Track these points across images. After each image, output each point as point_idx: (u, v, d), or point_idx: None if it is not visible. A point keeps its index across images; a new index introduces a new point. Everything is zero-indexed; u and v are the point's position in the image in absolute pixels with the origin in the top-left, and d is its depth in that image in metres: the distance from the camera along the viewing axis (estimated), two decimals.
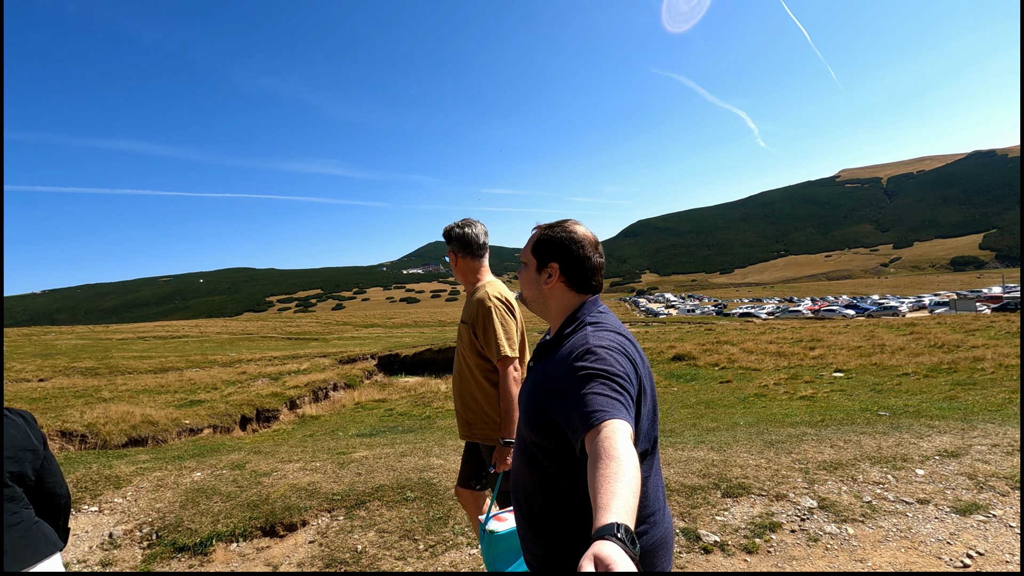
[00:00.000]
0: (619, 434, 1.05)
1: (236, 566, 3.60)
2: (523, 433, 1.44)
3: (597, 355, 1.25)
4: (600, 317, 1.43)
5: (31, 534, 1.90)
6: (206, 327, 63.42)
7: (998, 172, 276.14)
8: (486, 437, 2.41)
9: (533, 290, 1.56)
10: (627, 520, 0.90)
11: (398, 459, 4.88)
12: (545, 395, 1.33)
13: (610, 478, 0.96)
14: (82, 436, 10.87)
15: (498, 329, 2.30)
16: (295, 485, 4.35)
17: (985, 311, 44.76)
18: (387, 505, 4.01)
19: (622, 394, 1.17)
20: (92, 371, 20.61)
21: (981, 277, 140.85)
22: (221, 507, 4.13)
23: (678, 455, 4.51)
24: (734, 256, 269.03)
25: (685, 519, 3.59)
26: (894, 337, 19.50)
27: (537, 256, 1.53)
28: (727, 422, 6.38)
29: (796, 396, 8.98)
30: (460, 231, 2.50)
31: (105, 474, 4.78)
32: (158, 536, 3.93)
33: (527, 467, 1.42)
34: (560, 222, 1.54)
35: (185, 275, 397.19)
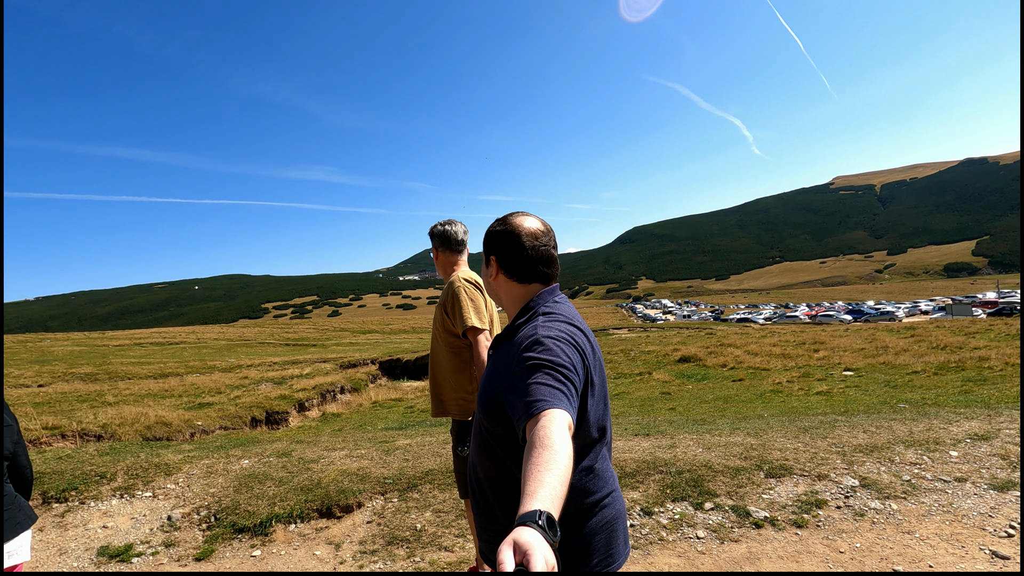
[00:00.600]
0: (556, 423, 1.07)
1: (297, 545, 3.71)
2: (479, 419, 1.46)
3: (544, 345, 1.26)
4: (554, 307, 1.45)
5: (15, 506, 2.07)
6: (203, 333, 63.25)
7: (990, 179, 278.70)
8: (455, 412, 2.56)
9: (486, 284, 1.62)
10: (551, 508, 0.91)
11: (441, 446, 5.00)
12: (497, 383, 1.36)
13: (540, 466, 0.98)
14: (98, 436, 10.91)
15: (465, 303, 2.46)
16: (345, 470, 4.46)
17: (981, 316, 45.12)
18: (439, 488, 4.13)
19: (565, 384, 1.18)
20: (91, 377, 20.60)
21: (975, 283, 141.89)
22: (275, 491, 4.24)
23: (716, 440, 4.65)
24: (730, 262, 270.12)
25: (733, 497, 3.72)
26: (895, 340, 19.70)
27: (484, 251, 1.60)
28: (751, 414, 6.52)
29: (812, 392, 9.15)
30: (441, 228, 2.73)
31: (154, 462, 4.88)
32: (216, 518, 4.04)
33: (481, 451, 1.45)
34: (503, 216, 1.57)
35: (180, 282, 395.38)
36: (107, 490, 4.52)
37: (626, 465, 4.20)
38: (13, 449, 2.11)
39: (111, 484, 4.58)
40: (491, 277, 1.56)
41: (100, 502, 4.40)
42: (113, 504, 4.39)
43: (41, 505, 4.41)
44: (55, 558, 3.77)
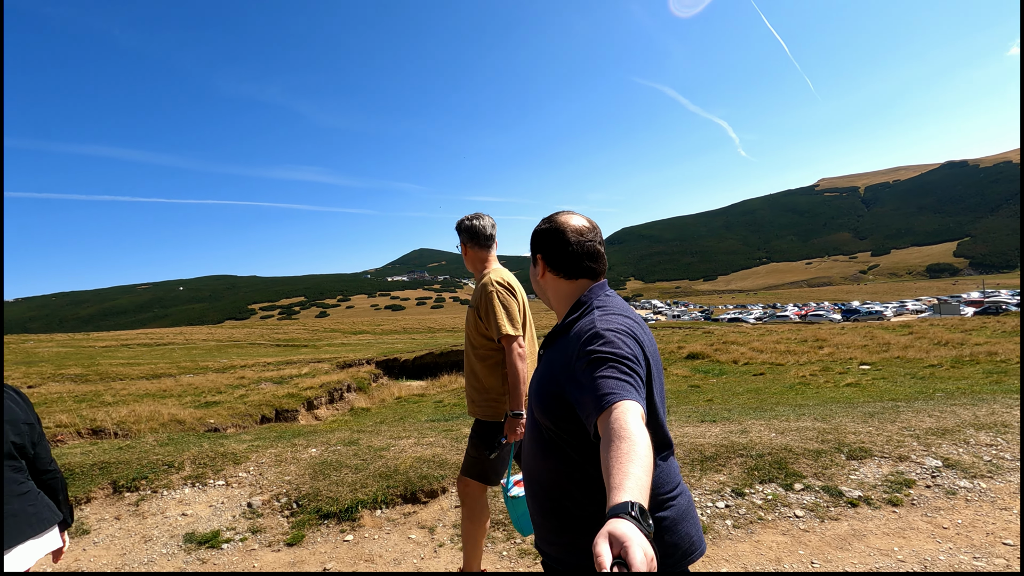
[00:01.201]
0: (630, 414, 1.06)
1: (388, 530, 3.71)
2: (537, 420, 1.43)
3: (605, 338, 1.25)
4: (607, 301, 1.45)
5: (38, 503, 2.00)
6: (191, 334, 62.50)
7: (970, 182, 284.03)
8: (485, 413, 2.58)
9: (534, 284, 1.63)
10: (640, 498, 0.90)
11: None
12: (556, 380, 1.34)
13: (622, 458, 0.97)
14: (114, 434, 10.77)
15: (499, 310, 2.47)
16: (420, 457, 4.46)
17: (968, 314, 45.94)
18: None
19: (632, 375, 1.18)
20: (82, 378, 20.24)
21: (956, 283, 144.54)
22: (354, 478, 4.22)
23: (786, 425, 4.71)
24: (717, 263, 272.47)
25: (820, 478, 3.78)
26: (895, 337, 20.03)
27: (531, 250, 1.60)
28: (794, 404, 6.60)
29: (841, 384, 9.30)
30: (469, 223, 2.71)
31: (219, 451, 4.83)
32: (298, 505, 4.01)
33: (541, 454, 1.41)
34: (549, 215, 1.58)
35: (164, 283, 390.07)
36: (177, 479, 4.47)
37: (705, 449, 4.24)
38: (34, 450, 2.05)
39: (180, 473, 4.53)
40: (539, 275, 1.56)
41: (173, 491, 4.36)
42: (187, 492, 4.34)
43: (112, 494, 4.35)
44: (140, 545, 3.73)
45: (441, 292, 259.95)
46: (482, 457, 2.60)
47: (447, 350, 28.61)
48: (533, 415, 1.46)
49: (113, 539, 3.83)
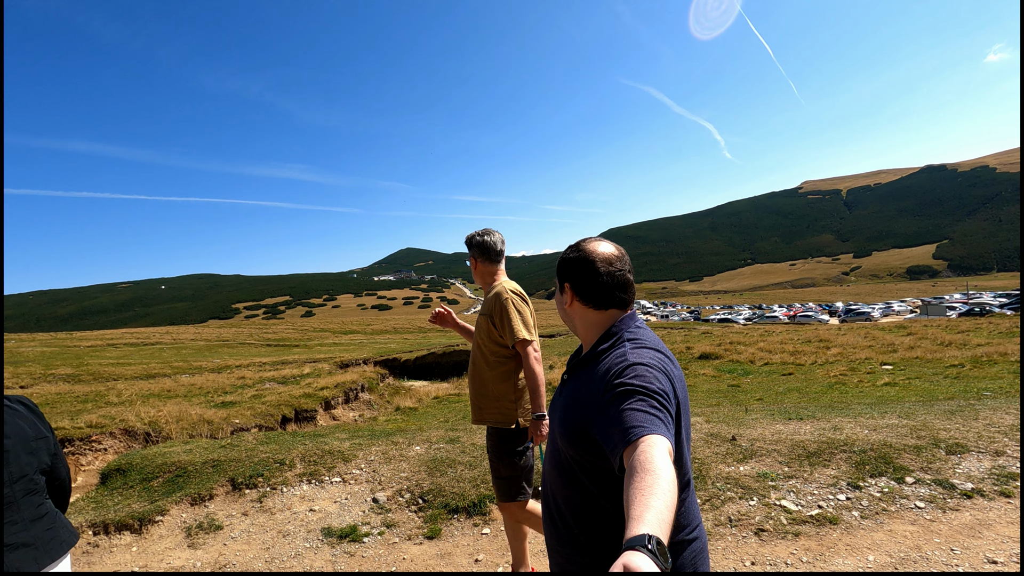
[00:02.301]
0: (656, 448, 1.06)
1: None
2: (560, 447, 1.42)
3: (636, 372, 1.24)
4: (638, 333, 1.43)
5: (56, 525, 1.88)
6: (178, 334, 61.68)
7: (949, 186, 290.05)
8: (497, 420, 2.67)
9: (560, 311, 1.60)
10: (659, 532, 0.89)
11: None
12: (583, 410, 1.33)
13: (644, 491, 0.97)
14: (146, 434, 10.76)
15: (514, 316, 2.58)
16: None
17: (953, 316, 46.98)
18: None
19: (661, 411, 1.17)
20: (75, 378, 19.96)
21: (936, 285, 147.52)
22: (471, 474, 4.36)
23: (874, 422, 4.94)
24: (703, 264, 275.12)
25: (928, 472, 4.00)
26: (896, 337, 20.49)
27: (558, 278, 1.57)
28: (849, 402, 6.86)
29: (879, 384, 9.59)
30: (480, 239, 2.82)
31: (325, 449, 4.93)
32: (424, 500, 4.14)
33: (561, 479, 1.42)
34: (576, 243, 1.56)
35: (146, 281, 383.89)
36: (292, 476, 4.57)
37: (807, 445, 4.45)
38: (51, 462, 1.92)
39: (293, 471, 4.63)
40: (566, 304, 1.54)
41: (291, 487, 4.46)
42: (305, 489, 4.45)
43: (232, 491, 4.44)
44: (280, 539, 3.84)
45: (428, 292, 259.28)
46: (515, 472, 2.67)
47: (449, 350, 28.65)
48: (555, 441, 1.46)
49: (249, 534, 3.93)
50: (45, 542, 1.79)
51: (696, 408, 6.88)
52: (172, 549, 3.82)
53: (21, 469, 1.78)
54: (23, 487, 1.78)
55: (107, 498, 4.59)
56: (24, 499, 1.78)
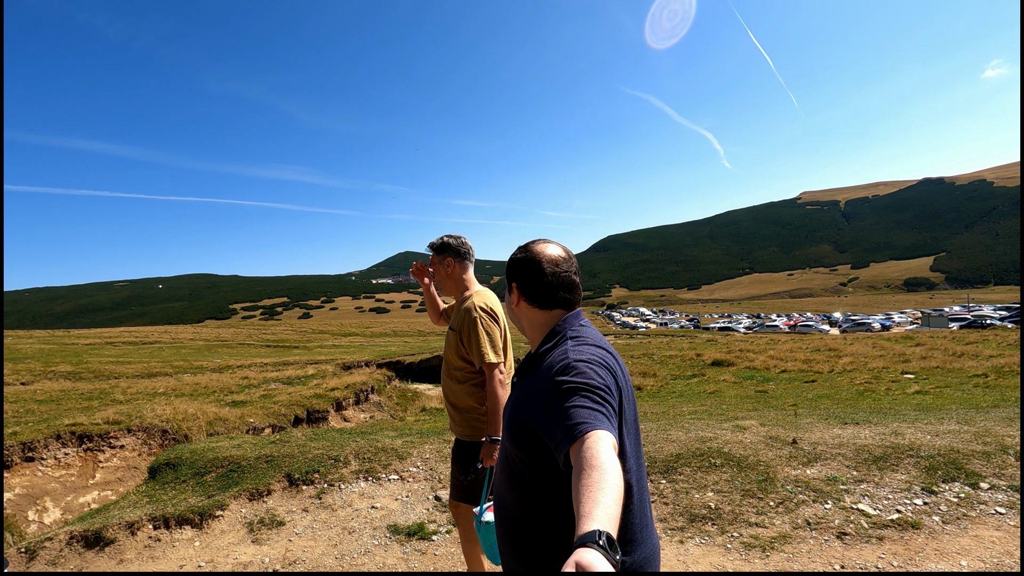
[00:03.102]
0: (601, 443, 1.06)
1: None
2: (507, 448, 1.43)
3: (577, 369, 1.26)
4: (580, 331, 1.45)
5: None
6: (177, 333, 61.49)
7: (947, 199, 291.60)
8: (464, 433, 2.64)
9: (508, 311, 1.63)
10: (609, 527, 0.90)
11: (660, 432, 5.12)
12: (527, 410, 1.33)
13: (592, 487, 0.97)
14: (163, 431, 10.68)
15: (483, 337, 2.50)
16: None
17: (955, 328, 47.10)
18: (700, 470, 4.26)
19: (604, 405, 1.18)
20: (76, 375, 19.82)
21: (933, 297, 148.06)
22: None
23: (936, 428, 4.90)
24: (701, 273, 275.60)
25: (1003, 478, 3.97)
26: (905, 348, 20.51)
27: (507, 279, 1.59)
28: (889, 409, 6.81)
29: (909, 392, 9.57)
30: (458, 240, 2.77)
31: (378, 447, 4.87)
32: None
33: (509, 481, 1.42)
34: (525, 244, 1.58)
35: (143, 280, 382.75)
36: (348, 473, 4.50)
37: (872, 450, 4.40)
38: None
39: (348, 468, 4.57)
40: (513, 304, 1.56)
41: (349, 484, 4.39)
42: (363, 486, 4.38)
43: (289, 487, 4.37)
44: (346, 536, 3.77)
45: None
46: (464, 477, 2.63)
47: None
48: (504, 445, 1.47)
49: (314, 531, 3.86)
50: None
51: (738, 412, 6.83)
52: (236, 544, 3.75)
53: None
54: None
55: (160, 492, 4.52)
56: None
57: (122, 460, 9.22)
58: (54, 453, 8.57)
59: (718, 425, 5.35)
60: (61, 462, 8.59)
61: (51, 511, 7.44)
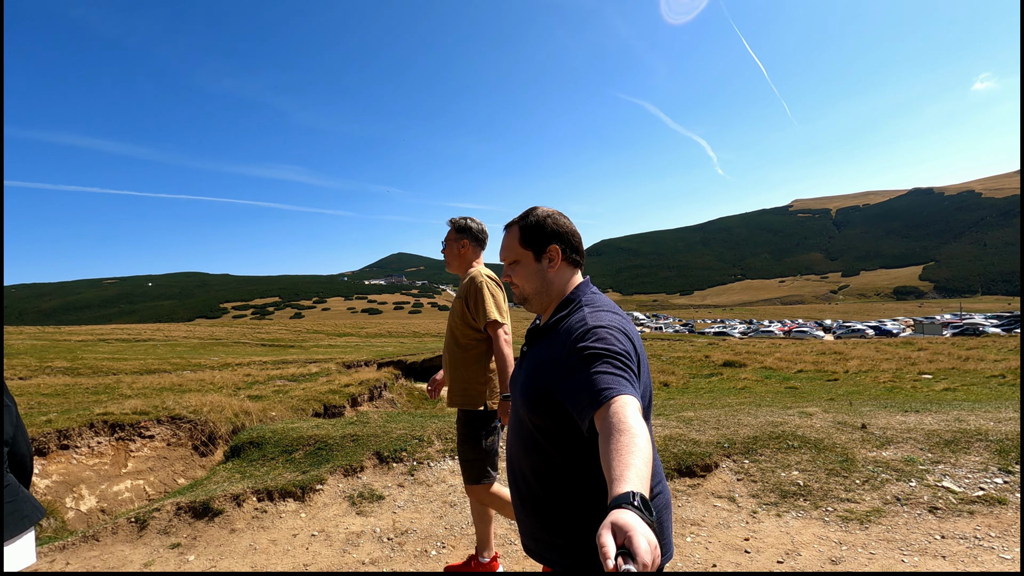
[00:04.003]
0: (628, 407, 1.07)
1: (684, 500, 3.93)
2: (522, 416, 1.43)
3: (598, 335, 1.26)
4: (594, 298, 1.45)
5: (19, 499, 1.73)
6: (170, 331, 60.96)
7: (936, 209, 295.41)
8: (467, 403, 2.73)
9: (537, 281, 1.53)
10: (642, 489, 0.92)
11: (728, 417, 5.28)
12: (545, 376, 1.33)
13: (622, 451, 0.98)
14: (191, 423, 10.72)
15: (487, 299, 2.64)
16: (667, 436, 4.70)
17: (947, 335, 47.75)
18: (780, 451, 4.42)
19: (626, 371, 1.19)
20: (73, 371, 19.68)
21: (922, 306, 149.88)
22: None
23: (996, 415, 5.08)
24: (693, 278, 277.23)
25: None
26: (908, 352, 20.84)
27: (532, 245, 1.52)
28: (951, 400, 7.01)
29: (938, 389, 9.79)
30: (477, 225, 2.92)
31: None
32: None
33: (525, 448, 1.42)
34: (531, 209, 1.56)
35: (132, 278, 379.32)
36: (433, 452, 4.62)
37: (941, 434, 4.58)
38: (12, 433, 1.80)
39: (433, 447, 4.68)
40: (552, 268, 1.51)
41: (437, 462, 4.51)
42: (451, 464, 4.50)
43: (379, 464, 4.48)
44: (447, 508, 3.88)
45: (419, 297, 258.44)
46: (478, 455, 2.71)
47: None
48: (518, 412, 1.46)
49: (415, 504, 3.98)
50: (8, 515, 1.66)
51: (788, 402, 6.99)
52: (342, 516, 3.85)
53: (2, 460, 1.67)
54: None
55: (251, 468, 4.61)
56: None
57: (152, 450, 9.26)
58: (87, 442, 8.61)
59: (782, 412, 5.51)
60: (94, 451, 8.62)
61: (87, 499, 7.47)
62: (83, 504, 7.40)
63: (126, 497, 7.86)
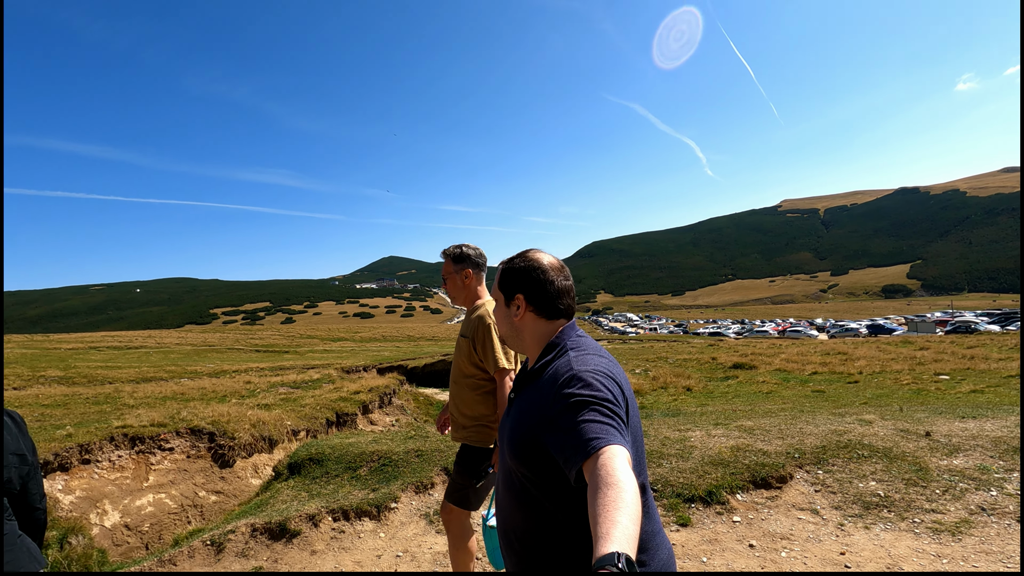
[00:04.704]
0: (617, 459, 1.03)
1: (766, 510, 3.90)
2: (510, 467, 1.37)
3: (584, 380, 1.22)
4: (579, 342, 1.41)
5: (16, 548, 1.70)
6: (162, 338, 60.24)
7: (922, 208, 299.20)
8: (471, 439, 2.69)
9: (505, 326, 1.54)
10: (627, 549, 0.88)
11: (788, 426, 5.27)
12: (531, 425, 1.29)
13: (609, 506, 0.94)
14: (210, 434, 10.59)
15: (496, 344, 2.56)
16: (734, 447, 4.68)
17: (940, 333, 48.24)
18: (852, 461, 4.41)
19: (614, 419, 1.14)
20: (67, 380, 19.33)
21: (910, 304, 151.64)
22: (686, 466, 4.41)
23: None
24: (685, 279, 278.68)
25: None
26: (911, 351, 20.99)
27: (503, 290, 1.52)
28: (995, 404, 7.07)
29: (966, 392, 9.86)
30: (476, 252, 2.80)
31: None
32: (654, 490, 4.16)
33: (516, 501, 1.36)
34: (520, 253, 1.54)
35: (120, 284, 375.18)
36: None
37: (1008, 441, 4.60)
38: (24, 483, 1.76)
39: None
40: (517, 317, 1.49)
41: None
42: None
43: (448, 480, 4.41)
44: None
45: (411, 300, 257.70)
46: (467, 484, 2.69)
47: None
48: (506, 463, 1.41)
49: None
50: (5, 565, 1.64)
51: (826, 409, 7.00)
52: (422, 535, 3.79)
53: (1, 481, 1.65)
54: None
55: (315, 486, 4.53)
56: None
57: (172, 463, 9.13)
58: (108, 455, 8.48)
59: (839, 420, 5.52)
60: (115, 464, 8.49)
61: (110, 514, 7.34)
62: (107, 520, 7.26)
63: (149, 512, 7.74)
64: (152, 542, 7.43)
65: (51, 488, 6.92)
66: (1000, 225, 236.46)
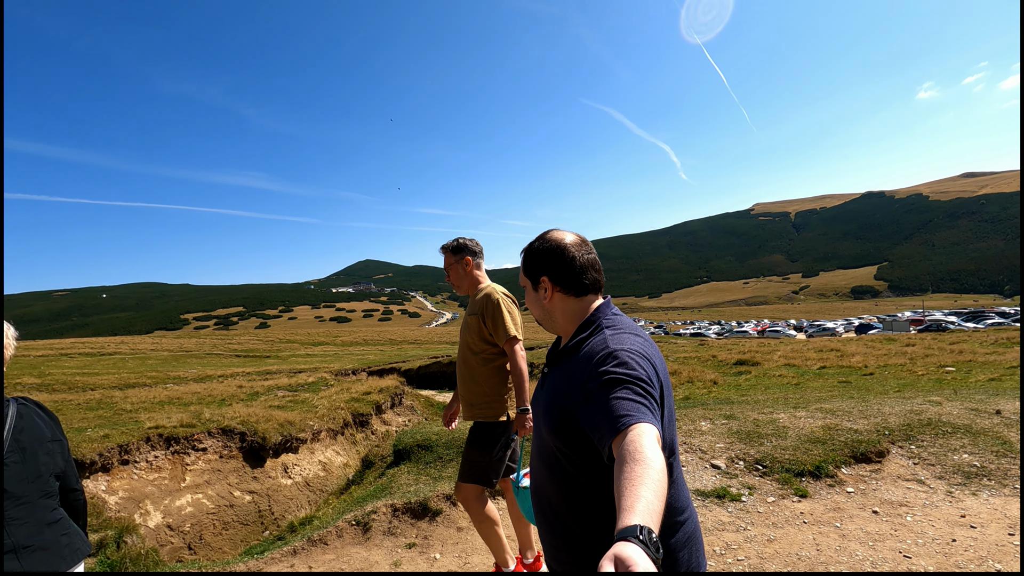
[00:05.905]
0: (645, 437, 1.05)
1: (875, 484, 4.15)
2: (545, 439, 1.41)
3: (619, 359, 1.24)
4: (615, 320, 1.42)
5: (70, 532, 1.80)
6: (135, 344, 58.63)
7: (887, 211, 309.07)
8: (485, 415, 2.84)
9: (538, 310, 1.55)
10: (650, 523, 0.89)
11: (866, 407, 5.55)
12: (567, 401, 1.31)
13: (635, 481, 0.96)
14: (241, 435, 10.54)
15: (506, 316, 2.77)
16: (824, 426, 4.94)
17: (913, 331, 49.90)
18: (939, 436, 4.70)
19: (646, 398, 1.16)
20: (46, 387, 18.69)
21: (878, 304, 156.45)
22: (786, 444, 4.64)
23: None
24: (661, 281, 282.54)
25: None
26: (899, 347, 21.74)
27: (529, 275, 1.54)
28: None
29: (985, 380, 10.30)
30: (472, 242, 3.01)
31: None
32: (763, 466, 4.38)
33: (549, 473, 1.40)
34: (539, 235, 1.55)
35: (85, 289, 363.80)
36: None
37: None
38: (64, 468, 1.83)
39: None
40: (545, 299, 1.50)
41: None
42: None
43: None
44: None
45: (389, 304, 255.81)
46: (483, 459, 2.81)
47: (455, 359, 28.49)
48: (541, 435, 1.44)
49: None
50: (60, 548, 1.73)
51: (872, 395, 7.31)
52: None
53: (38, 469, 1.72)
54: (39, 488, 1.72)
55: (432, 469, 4.64)
56: (40, 501, 1.71)
57: (206, 463, 9.09)
58: (145, 456, 8.43)
59: (909, 401, 5.83)
60: (152, 465, 8.44)
61: (152, 514, 7.32)
62: (150, 520, 7.22)
63: (189, 512, 7.71)
64: (194, 542, 7.41)
65: (95, 488, 6.86)
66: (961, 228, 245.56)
